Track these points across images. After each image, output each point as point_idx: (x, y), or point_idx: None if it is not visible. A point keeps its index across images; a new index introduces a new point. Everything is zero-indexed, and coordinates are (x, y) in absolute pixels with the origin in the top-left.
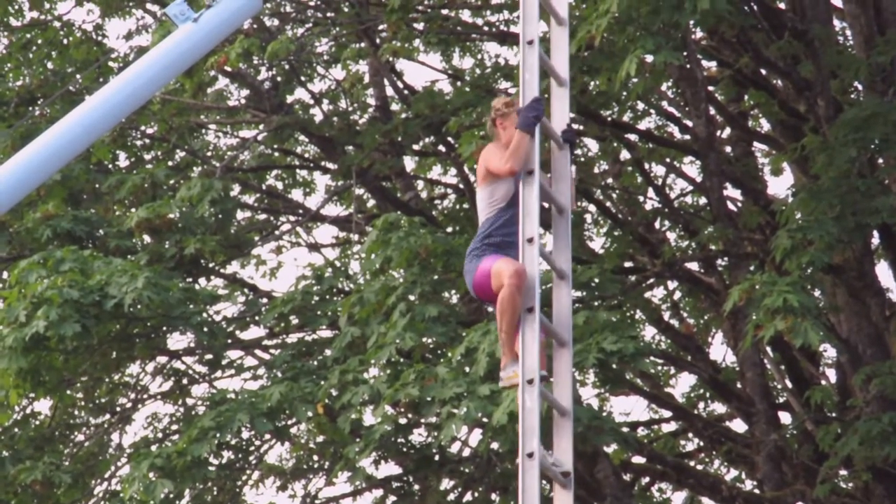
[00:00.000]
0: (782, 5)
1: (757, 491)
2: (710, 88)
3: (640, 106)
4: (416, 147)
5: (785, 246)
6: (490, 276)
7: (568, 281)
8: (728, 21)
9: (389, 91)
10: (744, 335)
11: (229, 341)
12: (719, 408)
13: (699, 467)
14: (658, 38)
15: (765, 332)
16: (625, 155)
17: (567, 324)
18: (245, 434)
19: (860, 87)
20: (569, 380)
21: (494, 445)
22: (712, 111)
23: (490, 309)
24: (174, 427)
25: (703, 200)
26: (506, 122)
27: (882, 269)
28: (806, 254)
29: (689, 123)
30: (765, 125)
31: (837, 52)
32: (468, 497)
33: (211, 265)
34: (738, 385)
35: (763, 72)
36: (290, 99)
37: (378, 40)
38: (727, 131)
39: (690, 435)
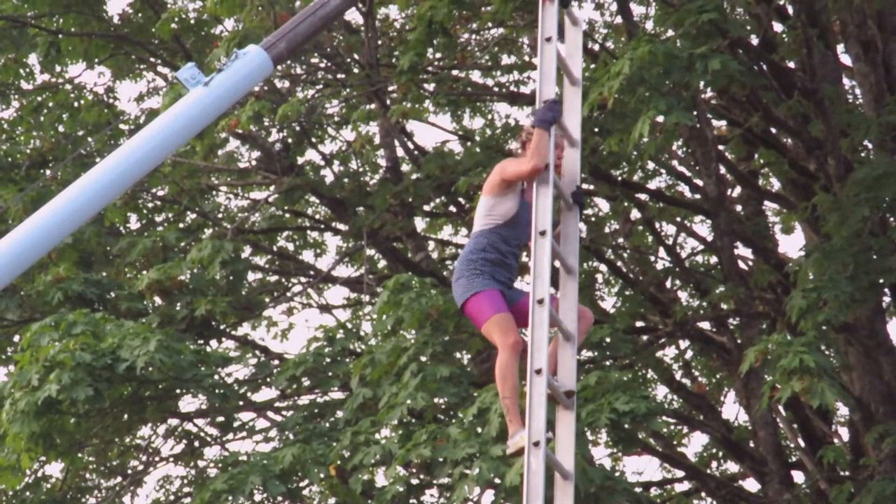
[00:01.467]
0: (792, 65)
1: None
2: (721, 147)
3: (651, 165)
4: (426, 208)
5: (801, 306)
6: (483, 319)
7: (573, 342)
8: (738, 81)
9: (400, 152)
10: (759, 396)
11: (241, 403)
12: (732, 467)
13: None
14: (670, 98)
15: (781, 394)
16: (635, 214)
17: (572, 385)
18: (257, 496)
19: (870, 146)
20: (572, 443)
21: None
22: (722, 170)
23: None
24: (186, 490)
25: (714, 259)
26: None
27: (894, 327)
28: (822, 313)
29: (700, 183)
30: (775, 184)
31: (847, 111)
32: None
33: (222, 327)
34: (751, 444)
35: (773, 131)
36: (300, 160)
37: (388, 101)
38: (737, 190)
39: (703, 494)
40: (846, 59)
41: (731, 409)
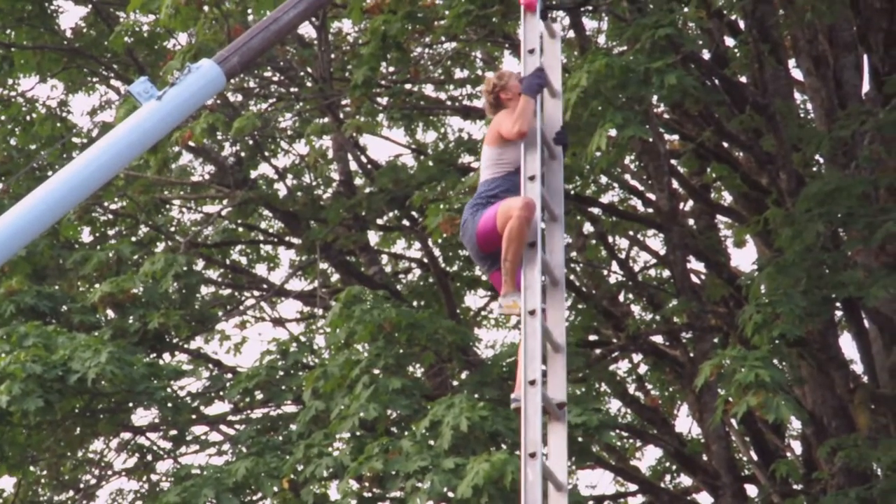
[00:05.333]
0: (743, 79)
1: None
2: (673, 162)
3: (604, 179)
4: (379, 221)
5: (756, 321)
6: (496, 218)
7: (563, 353)
8: (692, 96)
9: (353, 166)
10: (713, 409)
11: (194, 417)
12: (685, 481)
13: None
14: (626, 112)
15: (736, 408)
16: (588, 228)
17: (563, 397)
18: None
19: (822, 161)
20: (564, 454)
21: None
22: (675, 184)
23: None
24: (139, 503)
25: (666, 273)
26: (508, 93)
27: (846, 342)
28: (776, 328)
29: (653, 197)
30: (727, 198)
31: (799, 126)
32: None
33: (175, 340)
34: (704, 458)
35: (725, 145)
36: (254, 174)
37: (342, 115)
38: (690, 204)
39: None
40: (798, 74)
41: (684, 423)
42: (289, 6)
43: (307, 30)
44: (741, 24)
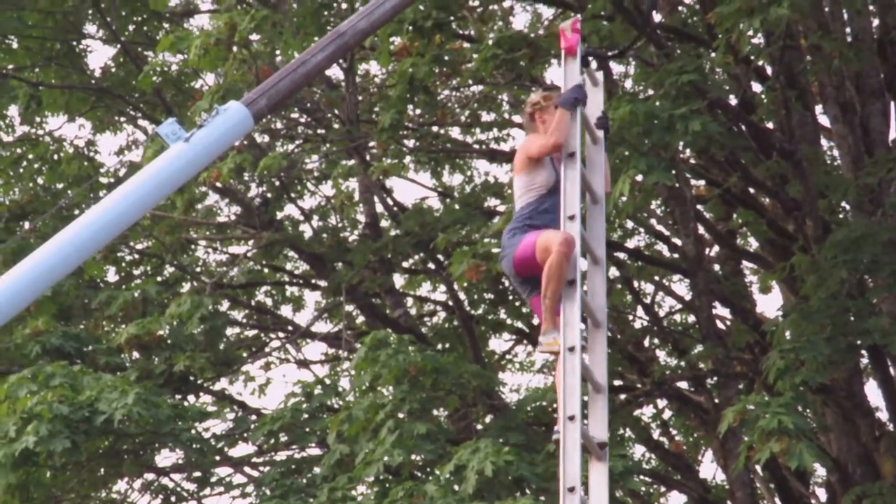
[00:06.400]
0: (770, 125)
1: None
2: (699, 207)
3: (630, 224)
4: (405, 264)
5: (779, 367)
6: (535, 248)
7: (604, 394)
8: (718, 142)
9: (379, 208)
10: (736, 455)
11: (218, 458)
12: None
13: None
14: (650, 158)
15: (760, 455)
16: (614, 273)
17: (604, 436)
18: None
19: (848, 208)
20: (605, 493)
21: None
22: (701, 230)
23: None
24: None
25: (692, 319)
26: (545, 116)
27: (871, 389)
28: (799, 374)
29: (678, 242)
30: (753, 244)
31: (825, 173)
32: None
33: (200, 382)
34: None
35: (751, 191)
36: (280, 215)
37: (368, 157)
38: (716, 250)
39: None
40: (824, 121)
41: (709, 469)
42: (317, 49)
43: (335, 71)
44: (768, 70)
